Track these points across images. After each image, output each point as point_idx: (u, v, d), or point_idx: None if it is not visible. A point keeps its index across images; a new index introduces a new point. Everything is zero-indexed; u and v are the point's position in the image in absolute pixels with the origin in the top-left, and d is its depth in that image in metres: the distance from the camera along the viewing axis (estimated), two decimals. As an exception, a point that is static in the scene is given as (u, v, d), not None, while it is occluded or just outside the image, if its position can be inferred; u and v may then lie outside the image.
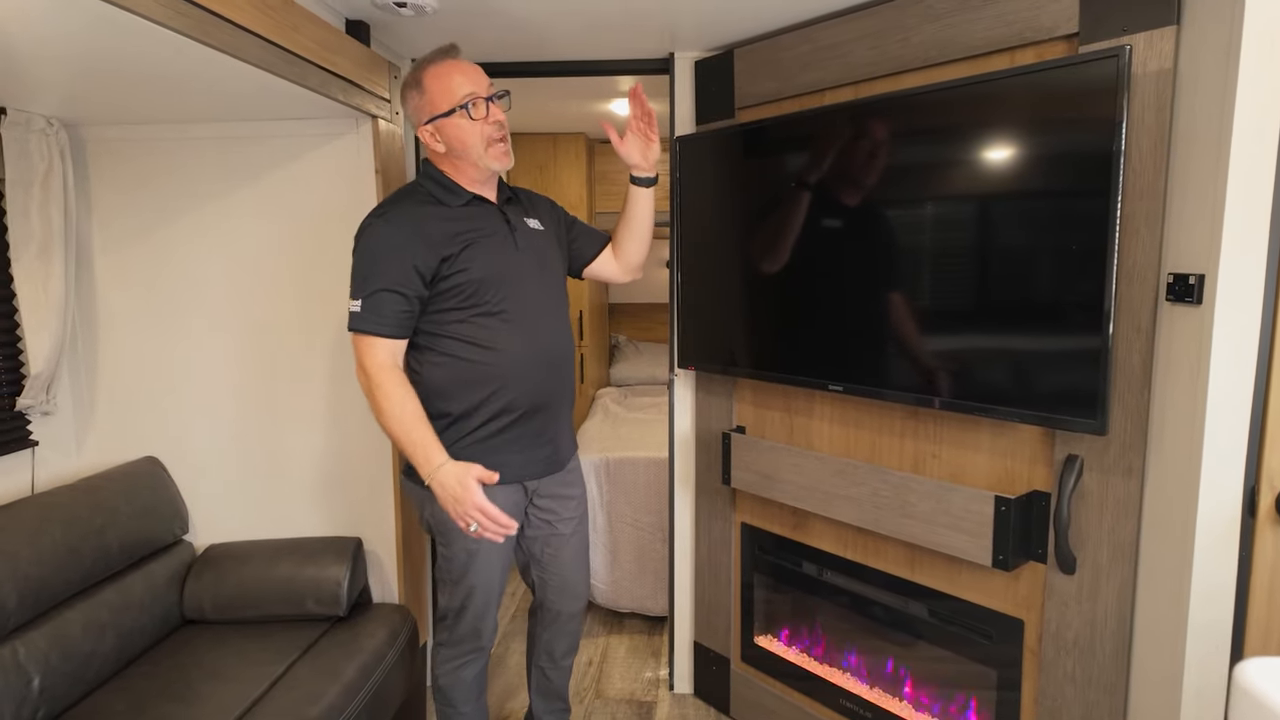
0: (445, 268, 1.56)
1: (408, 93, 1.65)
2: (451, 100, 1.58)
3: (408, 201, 1.62)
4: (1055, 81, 1.44)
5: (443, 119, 1.59)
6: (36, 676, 1.56)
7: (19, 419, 1.92)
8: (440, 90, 1.59)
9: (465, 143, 1.60)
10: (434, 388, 1.62)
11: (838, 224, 1.86)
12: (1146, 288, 1.41)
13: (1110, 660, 1.52)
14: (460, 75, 1.59)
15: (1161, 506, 1.43)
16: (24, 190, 1.82)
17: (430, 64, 1.63)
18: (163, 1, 1.17)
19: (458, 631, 1.80)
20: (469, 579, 1.73)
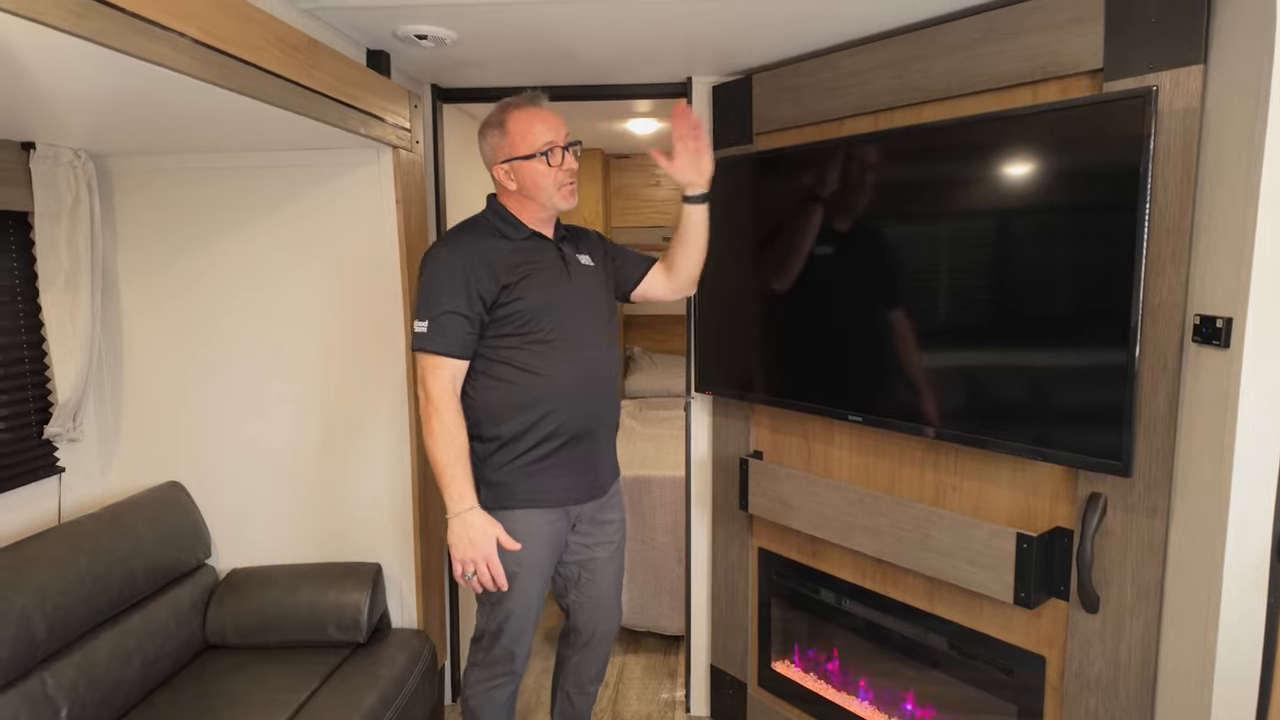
0: (504, 295, 1.66)
1: (487, 131, 1.73)
2: (532, 146, 1.68)
3: (473, 233, 1.73)
4: (1080, 120, 1.43)
5: (521, 161, 1.69)
6: (64, 707, 1.58)
7: (46, 446, 1.95)
8: (522, 135, 1.69)
9: (538, 185, 1.70)
10: (486, 410, 1.69)
11: (855, 255, 1.85)
12: (1172, 327, 1.40)
13: (1134, 700, 1.50)
14: (542, 124, 1.70)
15: (1187, 548, 1.41)
16: (52, 223, 1.85)
17: (515, 108, 1.71)
18: (189, 53, 1.18)
19: (493, 653, 1.81)
20: (507, 602, 1.75)
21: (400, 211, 2.06)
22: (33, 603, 1.56)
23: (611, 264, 1.93)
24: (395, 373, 2.13)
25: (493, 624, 1.79)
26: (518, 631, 1.79)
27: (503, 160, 1.71)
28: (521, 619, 1.78)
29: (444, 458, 1.61)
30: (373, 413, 2.15)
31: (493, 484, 1.70)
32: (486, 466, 1.70)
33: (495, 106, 1.75)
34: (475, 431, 1.68)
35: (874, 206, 1.80)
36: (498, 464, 1.69)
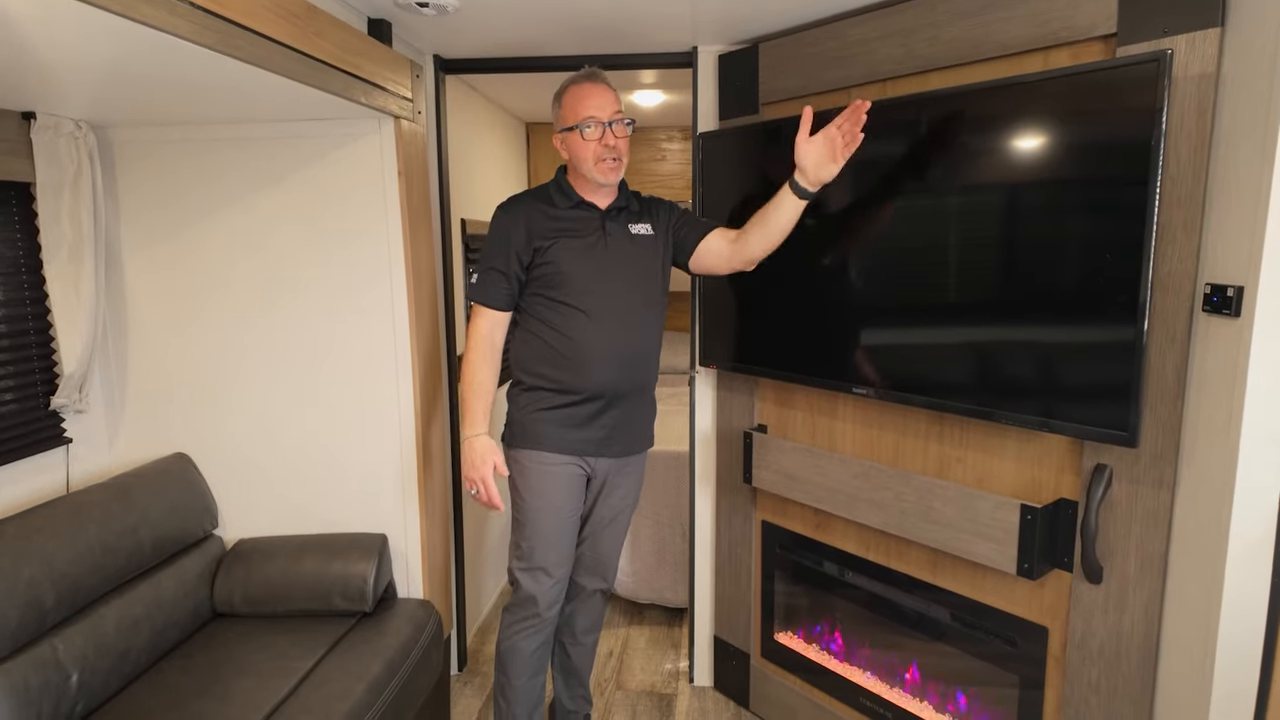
0: (537, 257, 1.81)
1: (553, 104, 1.89)
2: (574, 119, 1.80)
3: (528, 197, 1.89)
4: (1092, 85, 1.41)
5: (567, 132, 1.82)
6: (75, 672, 1.60)
7: (54, 417, 1.96)
8: (570, 108, 1.82)
9: (578, 156, 1.82)
10: (517, 358, 1.90)
11: (861, 226, 1.84)
12: (1182, 297, 1.38)
13: (1136, 671, 1.51)
14: (587, 99, 1.80)
15: (1193, 519, 1.41)
16: (55, 194, 1.84)
17: (572, 83, 1.84)
18: (189, 18, 1.17)
19: (518, 594, 1.95)
20: (525, 540, 1.90)
21: (402, 182, 2.05)
22: (41, 571, 1.58)
23: (675, 233, 1.96)
24: (399, 343, 2.13)
25: (518, 563, 1.93)
26: (537, 570, 1.90)
27: (558, 131, 1.86)
28: (541, 557, 1.90)
29: (464, 391, 1.86)
30: (377, 384, 2.15)
31: (512, 422, 1.91)
32: (513, 406, 1.90)
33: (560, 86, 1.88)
34: (513, 376, 1.90)
35: (879, 177, 1.78)
36: (519, 406, 1.88)
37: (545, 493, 1.87)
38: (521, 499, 1.90)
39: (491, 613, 3.09)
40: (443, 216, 2.45)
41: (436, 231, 2.43)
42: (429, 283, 2.26)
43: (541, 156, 3.73)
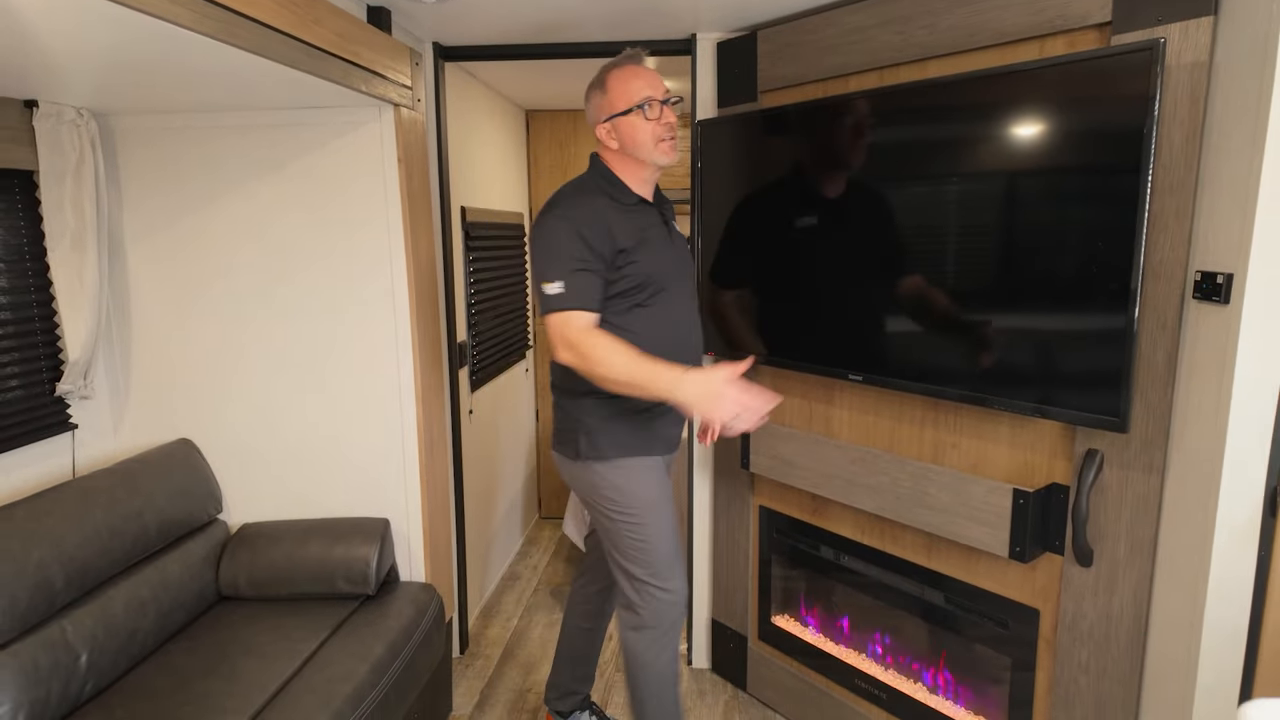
0: (620, 259, 1.69)
1: (590, 93, 1.80)
2: (629, 101, 1.71)
3: (584, 194, 1.74)
4: (1086, 73, 1.42)
5: (620, 117, 1.72)
6: (84, 653, 1.63)
7: (59, 404, 1.98)
8: (620, 91, 1.72)
9: (637, 140, 1.72)
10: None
11: (857, 213, 1.85)
12: (1173, 284, 1.40)
13: (1125, 653, 1.54)
14: (639, 80, 1.72)
15: (1181, 504, 1.43)
16: (57, 182, 1.85)
17: (614, 67, 1.76)
18: (189, 6, 1.18)
19: (663, 613, 1.78)
20: (648, 553, 1.75)
21: (402, 170, 2.06)
22: (50, 554, 1.60)
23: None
24: (400, 329, 2.15)
25: (656, 585, 1.77)
26: (676, 578, 1.79)
27: (604, 119, 1.75)
28: (674, 565, 1.78)
29: (625, 371, 1.57)
30: (379, 370, 2.17)
31: (594, 433, 1.76)
32: (591, 418, 1.76)
33: (599, 70, 1.80)
34: (587, 388, 1.70)
35: (876, 164, 1.79)
36: (603, 415, 1.76)
37: (660, 497, 1.78)
38: (635, 512, 1.76)
39: (492, 598, 3.13)
40: (443, 204, 2.47)
41: (436, 219, 2.44)
42: (429, 269, 2.28)
43: (540, 143, 3.73)
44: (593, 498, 1.81)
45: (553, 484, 3.96)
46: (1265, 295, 1.25)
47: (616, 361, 1.58)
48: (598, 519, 1.84)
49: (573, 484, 1.87)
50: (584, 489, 1.83)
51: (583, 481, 1.81)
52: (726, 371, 1.51)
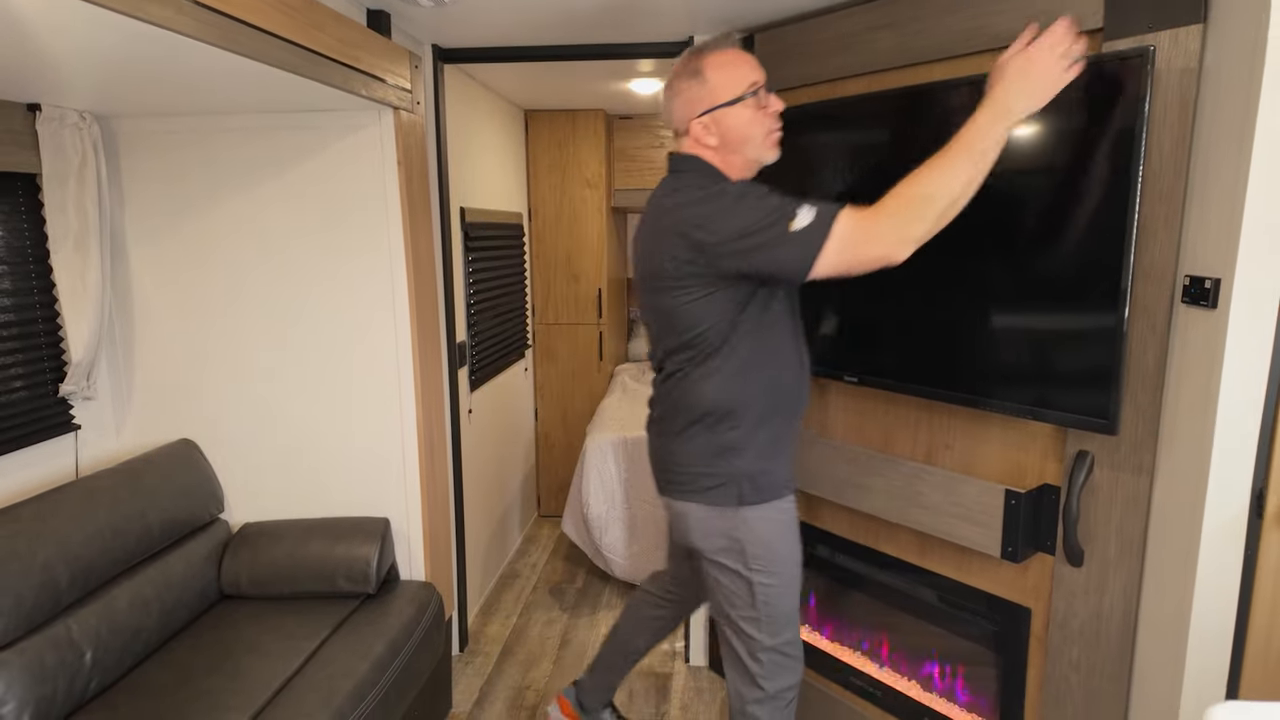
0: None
1: (681, 84, 1.51)
2: (737, 89, 1.47)
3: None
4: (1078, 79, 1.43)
5: (725, 109, 1.47)
6: (89, 651, 1.65)
7: (62, 404, 2.00)
8: (724, 80, 1.47)
9: (746, 134, 1.49)
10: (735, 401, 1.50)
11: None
12: (1163, 289, 1.42)
13: (1115, 650, 1.56)
14: (746, 64, 1.50)
15: (1170, 505, 1.45)
16: (60, 185, 1.87)
17: (710, 52, 1.50)
18: (193, 15, 1.20)
19: (785, 682, 1.63)
20: (788, 600, 1.58)
21: (402, 172, 2.08)
22: (56, 554, 1.63)
23: None
24: (400, 330, 2.17)
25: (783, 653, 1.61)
26: (794, 631, 1.63)
27: (702, 112, 1.48)
28: (794, 617, 1.63)
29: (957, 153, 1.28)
30: (379, 370, 2.19)
31: (741, 478, 1.52)
32: (739, 459, 1.51)
33: (682, 58, 1.53)
34: (730, 423, 1.49)
35: (868, 168, 1.81)
36: (751, 456, 1.51)
37: (797, 546, 1.60)
38: (779, 568, 1.56)
39: (491, 595, 3.15)
40: (442, 205, 2.48)
41: (436, 219, 2.46)
42: (429, 270, 2.29)
43: (539, 143, 3.75)
44: (729, 553, 1.55)
45: (551, 482, 3.99)
46: (1252, 300, 1.27)
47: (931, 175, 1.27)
48: (723, 578, 1.58)
49: (700, 538, 1.57)
50: (719, 543, 1.55)
51: (722, 535, 1.54)
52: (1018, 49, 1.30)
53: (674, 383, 1.55)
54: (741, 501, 1.52)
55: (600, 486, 3.02)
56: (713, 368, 1.49)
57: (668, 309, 1.50)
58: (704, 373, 1.50)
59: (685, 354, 1.51)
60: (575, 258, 3.84)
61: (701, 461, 1.53)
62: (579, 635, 2.85)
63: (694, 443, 1.54)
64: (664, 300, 1.50)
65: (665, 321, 1.53)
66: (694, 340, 1.49)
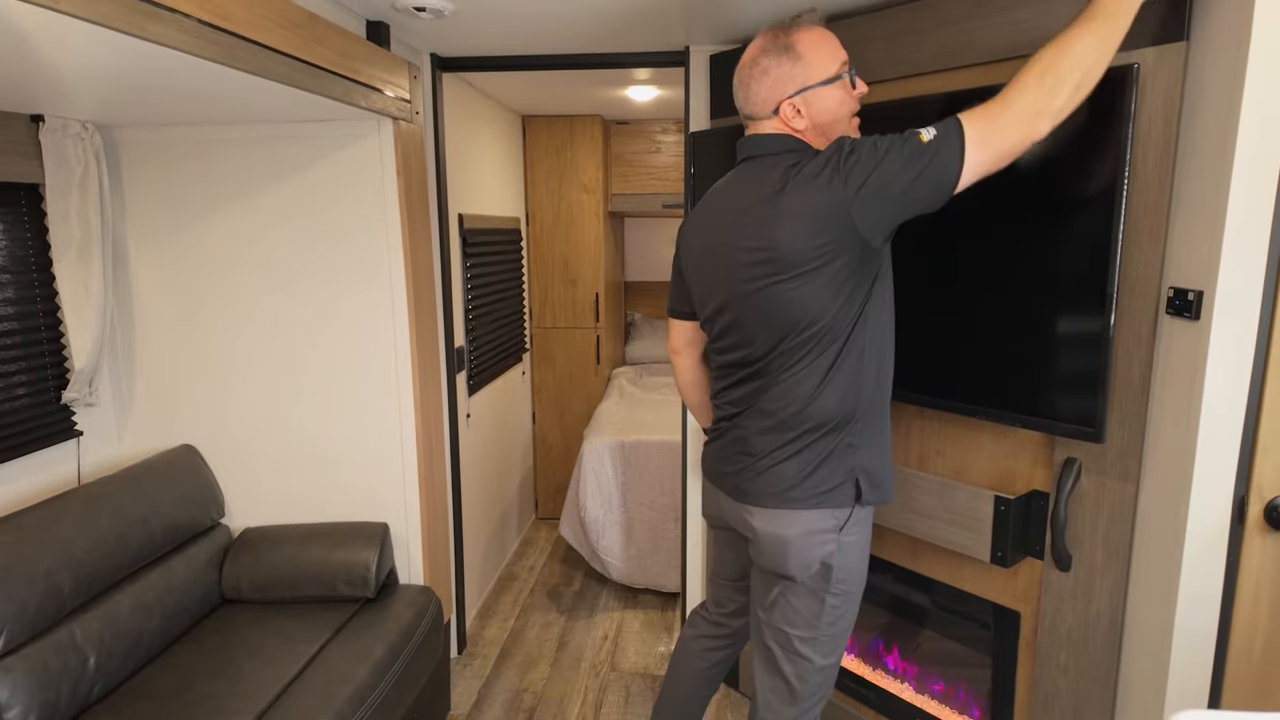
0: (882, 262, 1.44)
1: (768, 60, 1.41)
2: (831, 67, 1.40)
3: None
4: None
5: (818, 88, 1.40)
6: (92, 655, 1.68)
7: (64, 411, 2.02)
8: (820, 57, 1.40)
9: (836, 115, 1.43)
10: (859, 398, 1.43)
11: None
12: (1148, 300, 1.45)
13: (1102, 655, 1.59)
14: (836, 42, 1.43)
15: (1155, 511, 1.48)
16: (63, 194, 1.89)
17: (801, 29, 1.42)
18: (196, 34, 1.22)
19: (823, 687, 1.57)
20: (850, 619, 1.53)
21: (401, 181, 2.10)
22: (59, 560, 1.65)
23: None
24: (399, 337, 2.19)
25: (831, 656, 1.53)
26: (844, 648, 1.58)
27: (795, 92, 1.40)
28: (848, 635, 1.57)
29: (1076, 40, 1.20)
30: (378, 377, 2.21)
31: (875, 469, 1.46)
32: (860, 455, 1.44)
33: (766, 35, 1.44)
34: (853, 424, 1.42)
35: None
36: (870, 455, 1.46)
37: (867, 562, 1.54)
38: (849, 587, 1.49)
39: (489, 598, 3.18)
40: (440, 211, 2.51)
41: (434, 226, 2.49)
42: (427, 276, 2.32)
43: (537, 149, 3.77)
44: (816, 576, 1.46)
45: (548, 485, 4.01)
46: (1233, 312, 1.30)
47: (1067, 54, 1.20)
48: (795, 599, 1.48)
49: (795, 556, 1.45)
50: (810, 564, 1.45)
51: (816, 556, 1.44)
52: None
53: (786, 387, 1.42)
54: (860, 500, 1.44)
55: (598, 490, 3.05)
56: (836, 366, 1.39)
57: (782, 302, 1.37)
58: (825, 373, 1.40)
59: (801, 352, 1.39)
60: (573, 262, 3.87)
61: (824, 466, 1.43)
62: (576, 637, 2.88)
63: (812, 450, 1.43)
64: (777, 292, 1.36)
65: (772, 317, 1.39)
66: (817, 334, 1.37)
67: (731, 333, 1.49)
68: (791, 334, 1.39)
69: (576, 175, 3.78)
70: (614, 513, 3.06)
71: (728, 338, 1.51)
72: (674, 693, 1.92)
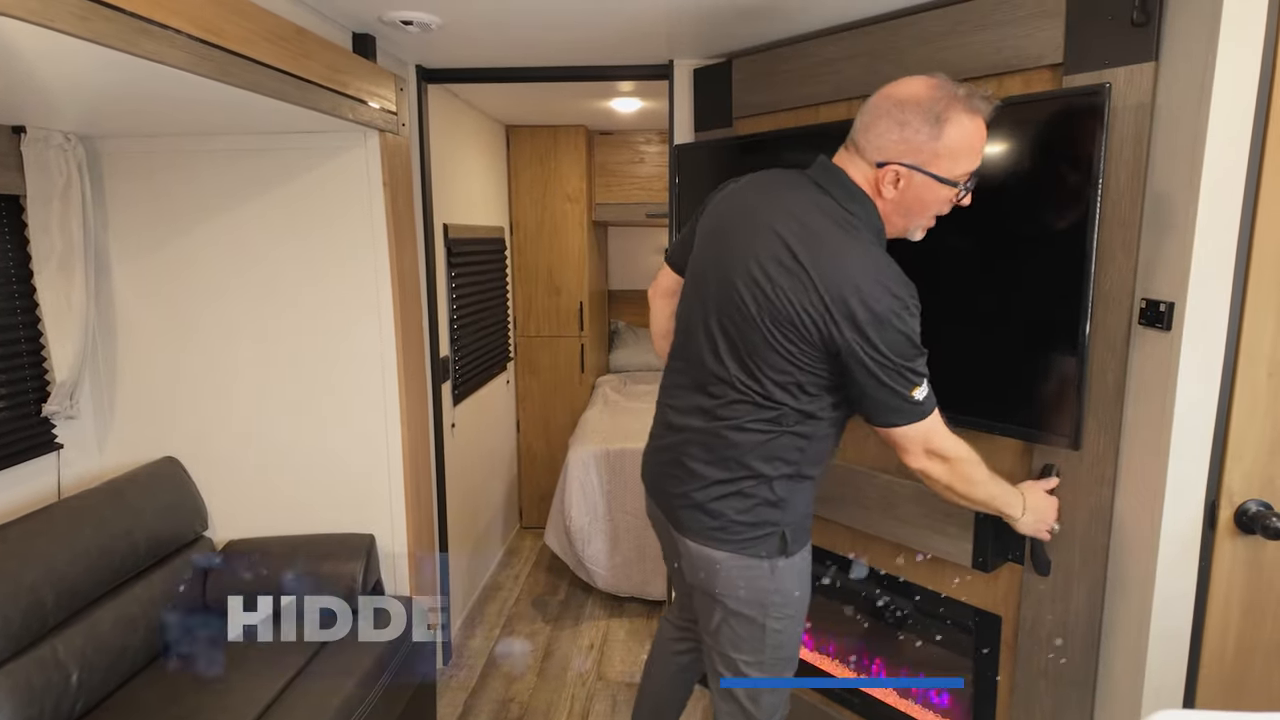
0: None
1: (909, 113, 1.28)
2: (957, 170, 1.31)
3: (880, 251, 1.35)
4: (1037, 113, 1.50)
5: (931, 179, 1.30)
6: (75, 671, 1.66)
7: (45, 424, 2.00)
8: (957, 152, 1.29)
9: (918, 209, 1.35)
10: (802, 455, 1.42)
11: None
12: (1121, 311, 1.48)
13: (1080, 656, 1.62)
14: (979, 149, 1.32)
15: (1130, 516, 1.52)
16: (44, 205, 1.88)
17: (966, 111, 1.28)
18: (186, 49, 1.23)
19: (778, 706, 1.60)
20: (795, 641, 1.55)
21: (387, 193, 2.11)
22: (42, 575, 1.63)
23: None
24: (385, 348, 2.19)
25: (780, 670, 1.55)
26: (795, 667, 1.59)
27: (908, 163, 1.30)
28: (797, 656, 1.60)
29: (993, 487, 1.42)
30: (364, 388, 2.21)
31: (785, 525, 1.44)
32: (785, 512, 1.44)
33: (924, 87, 1.29)
34: (801, 471, 1.42)
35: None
36: (800, 505, 1.46)
37: (809, 586, 1.54)
38: (789, 611, 1.49)
39: (474, 608, 3.17)
40: (425, 222, 2.51)
41: (420, 237, 2.49)
42: (413, 287, 2.32)
43: (521, 158, 3.79)
44: (751, 604, 1.47)
45: (533, 494, 4.01)
46: (1203, 322, 1.34)
47: (981, 474, 1.39)
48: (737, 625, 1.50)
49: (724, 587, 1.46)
50: (742, 594, 1.46)
51: (747, 586, 1.46)
52: (1044, 488, 1.54)
53: (735, 426, 1.40)
54: (785, 552, 1.44)
55: (583, 498, 3.06)
56: (791, 432, 1.39)
57: (769, 351, 1.34)
58: (777, 434, 1.39)
59: (761, 409, 1.38)
60: (557, 271, 3.88)
61: (749, 514, 1.43)
62: (562, 647, 2.88)
63: (744, 498, 1.42)
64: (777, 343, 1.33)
65: (755, 356, 1.36)
66: (780, 401, 1.36)
67: (702, 335, 1.45)
68: (756, 384, 1.37)
69: (560, 185, 3.80)
70: (599, 521, 3.07)
71: (696, 339, 1.47)
72: (651, 690, 1.97)
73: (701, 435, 1.45)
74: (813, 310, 1.28)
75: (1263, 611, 1.39)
